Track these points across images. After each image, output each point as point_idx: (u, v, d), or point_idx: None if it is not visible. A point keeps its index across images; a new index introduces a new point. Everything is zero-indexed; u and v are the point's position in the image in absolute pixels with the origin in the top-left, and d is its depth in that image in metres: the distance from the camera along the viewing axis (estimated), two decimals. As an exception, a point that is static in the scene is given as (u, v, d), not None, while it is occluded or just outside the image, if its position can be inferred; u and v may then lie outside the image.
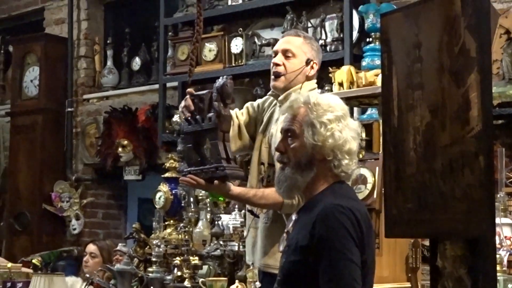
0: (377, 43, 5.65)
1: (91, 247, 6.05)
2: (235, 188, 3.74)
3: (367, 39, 5.80)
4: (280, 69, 3.94)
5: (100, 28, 8.33)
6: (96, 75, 8.18)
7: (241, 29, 6.58)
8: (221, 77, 3.66)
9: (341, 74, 5.20)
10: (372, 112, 5.30)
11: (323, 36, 6.11)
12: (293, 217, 2.92)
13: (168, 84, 7.12)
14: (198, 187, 3.82)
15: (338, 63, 5.54)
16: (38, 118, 8.03)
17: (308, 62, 3.93)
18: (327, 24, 6.15)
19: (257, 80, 6.53)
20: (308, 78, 3.97)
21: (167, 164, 5.68)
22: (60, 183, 7.87)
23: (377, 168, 4.68)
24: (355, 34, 6.01)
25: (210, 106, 3.61)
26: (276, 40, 6.42)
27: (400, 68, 2.48)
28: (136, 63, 7.82)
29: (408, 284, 4.80)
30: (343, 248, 2.62)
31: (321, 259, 2.63)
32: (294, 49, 3.95)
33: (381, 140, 4.96)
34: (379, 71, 5.18)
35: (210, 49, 6.66)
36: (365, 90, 5.06)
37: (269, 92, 4.10)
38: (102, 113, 7.83)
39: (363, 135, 4.22)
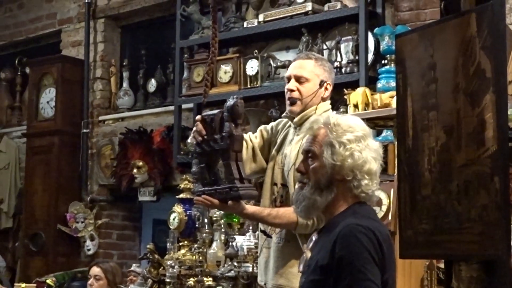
0: (392, 65, 5.66)
1: (95, 270, 6.03)
2: (249, 207, 3.74)
3: (383, 61, 5.81)
4: (295, 94, 3.96)
5: (116, 50, 8.37)
6: (112, 97, 8.21)
7: (256, 51, 6.59)
8: (231, 97, 3.67)
9: (356, 96, 5.21)
10: (387, 134, 5.30)
11: (338, 58, 6.12)
12: (313, 237, 2.92)
13: (184, 106, 7.14)
14: (212, 207, 3.82)
15: (353, 85, 5.55)
16: (54, 139, 8.06)
17: (321, 84, 3.94)
18: (342, 46, 6.16)
19: (272, 101, 6.53)
20: (323, 99, 3.97)
21: (182, 185, 5.69)
22: (75, 204, 7.88)
23: (392, 190, 4.68)
24: (370, 56, 6.01)
25: (221, 126, 3.61)
26: (291, 62, 6.46)
27: (415, 89, 2.48)
28: (152, 85, 7.85)
29: (424, 307, 4.78)
30: (363, 268, 2.61)
31: (341, 279, 2.63)
32: (306, 73, 3.96)
33: (396, 162, 4.98)
34: (394, 93, 5.18)
35: (225, 71, 6.68)
36: (380, 112, 5.06)
37: (284, 114, 4.11)
38: (117, 134, 7.86)
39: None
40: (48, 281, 6.43)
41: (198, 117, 3.74)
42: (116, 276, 6.03)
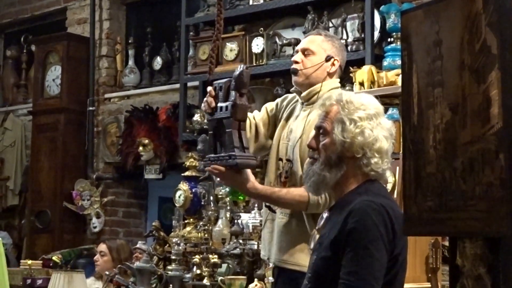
0: (398, 43, 5.65)
1: (102, 246, 6.11)
2: (257, 184, 3.72)
3: (389, 39, 5.79)
4: (297, 66, 3.97)
5: (122, 27, 8.36)
6: (118, 75, 8.22)
7: (262, 29, 6.58)
8: (239, 66, 3.71)
9: (362, 74, 5.20)
10: (393, 112, 5.29)
11: (344, 36, 6.10)
12: (325, 215, 2.93)
13: (189, 84, 7.14)
14: (219, 176, 3.78)
15: (359, 63, 5.55)
16: (60, 117, 8.07)
17: (328, 58, 3.93)
18: (348, 24, 6.14)
19: (278, 79, 6.53)
20: (329, 75, 3.95)
21: (187, 163, 5.70)
22: (81, 182, 7.90)
23: (397, 168, 4.69)
24: (376, 34, 5.99)
25: (228, 95, 3.66)
26: (297, 40, 6.44)
27: (420, 66, 2.47)
28: (157, 62, 7.85)
29: (428, 285, 4.79)
30: (369, 244, 2.63)
31: (347, 252, 2.65)
32: (313, 47, 3.96)
33: (401, 140, 4.97)
34: (400, 71, 5.17)
35: (231, 49, 6.67)
36: (386, 89, 5.06)
37: (292, 89, 4.10)
38: (123, 112, 7.87)
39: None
40: (54, 257, 6.45)
41: (209, 88, 3.76)
42: (121, 253, 6.05)
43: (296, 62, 3.98)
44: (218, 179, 4.16)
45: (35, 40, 8.64)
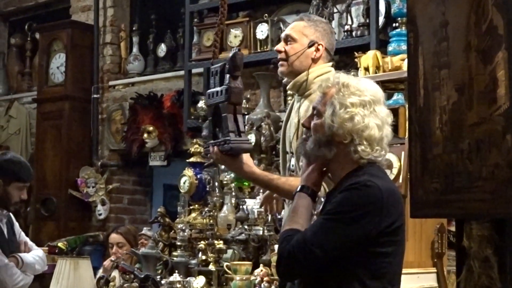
0: (403, 28, 5.62)
1: (116, 237, 5.97)
2: (256, 169, 3.65)
3: (393, 24, 5.76)
4: (281, 55, 3.86)
5: (126, 15, 8.35)
6: (122, 62, 8.21)
7: (266, 15, 6.56)
8: (232, 49, 3.66)
9: (367, 59, 5.18)
10: (398, 97, 5.27)
11: (349, 22, 6.09)
12: (322, 199, 2.92)
13: (194, 70, 7.13)
14: (217, 161, 3.76)
15: (364, 49, 5.53)
16: (64, 104, 8.08)
17: (310, 44, 3.83)
18: (353, 9, 6.13)
19: (283, 65, 6.50)
20: (315, 61, 3.85)
21: (192, 149, 5.69)
22: (86, 169, 7.91)
23: (402, 153, 4.67)
24: (381, 20, 5.98)
25: (223, 79, 3.60)
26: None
27: (426, 47, 2.46)
28: (162, 49, 7.84)
29: (434, 270, 4.79)
30: (340, 215, 2.62)
31: (327, 211, 2.68)
32: (294, 33, 3.86)
33: (407, 125, 4.96)
34: (405, 55, 5.15)
35: (235, 35, 6.65)
36: (391, 74, 5.04)
37: (284, 80, 4.01)
38: (127, 99, 7.87)
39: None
40: (59, 244, 6.46)
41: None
42: (136, 235, 6.04)
43: (279, 52, 3.88)
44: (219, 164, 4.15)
45: (40, 28, 8.63)
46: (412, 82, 2.51)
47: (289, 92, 4.12)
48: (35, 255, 4.76)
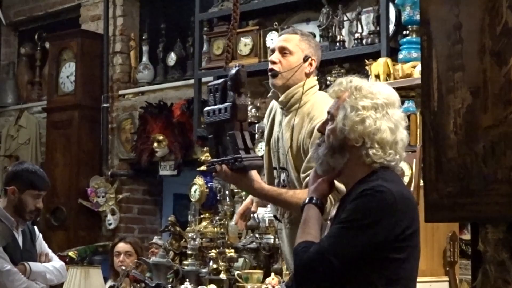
0: (414, 35, 5.61)
1: (125, 246, 5.96)
2: (264, 185, 3.64)
3: (404, 32, 5.75)
4: (276, 67, 3.82)
5: (135, 24, 8.36)
6: (132, 71, 8.21)
7: (276, 23, 6.55)
8: (234, 65, 3.61)
9: (378, 66, 5.18)
10: (409, 105, 5.26)
11: (359, 30, 6.08)
12: (337, 204, 2.91)
13: (204, 79, 7.11)
14: (226, 179, 3.73)
15: (375, 57, 5.52)
16: (74, 113, 8.08)
17: (305, 59, 3.82)
18: (363, 17, 6.11)
19: (293, 74, 6.49)
20: (307, 75, 3.84)
21: (202, 158, 5.68)
22: (96, 178, 7.90)
23: (414, 160, 4.66)
24: (391, 27, 5.96)
25: (225, 96, 3.55)
26: (311, 34, 6.42)
27: (440, 50, 2.44)
28: (172, 58, 7.84)
29: (446, 278, 4.76)
30: (354, 222, 2.61)
31: (337, 222, 2.66)
32: (291, 46, 3.83)
33: (418, 132, 4.94)
34: (416, 63, 5.15)
35: (245, 44, 6.64)
36: (402, 82, 5.03)
37: (270, 93, 3.98)
38: (137, 108, 7.86)
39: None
40: (70, 253, 6.45)
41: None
42: (142, 247, 6.05)
43: (274, 62, 3.84)
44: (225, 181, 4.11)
45: (49, 37, 8.64)
46: (426, 85, 2.49)
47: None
48: (49, 265, 4.75)
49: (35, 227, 4.96)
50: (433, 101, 2.46)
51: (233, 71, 3.54)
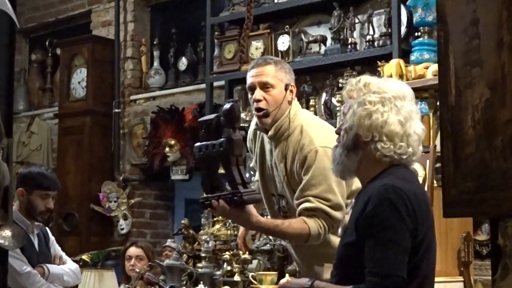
0: (426, 37, 5.62)
1: (136, 250, 5.98)
2: (261, 218, 3.63)
3: (416, 34, 5.76)
4: (263, 104, 3.78)
5: (146, 29, 8.37)
6: (143, 76, 8.22)
7: (287, 26, 6.57)
8: (227, 101, 3.58)
9: (390, 67, 5.17)
10: (421, 107, 5.26)
11: (371, 32, 6.08)
12: (352, 201, 2.92)
13: (215, 83, 7.12)
14: (222, 214, 3.72)
15: (386, 59, 5.52)
16: (86, 119, 8.09)
17: (286, 88, 3.79)
18: (374, 19, 6.13)
19: (305, 77, 6.50)
20: (290, 103, 3.82)
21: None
22: (107, 184, 7.90)
23: (427, 161, 4.65)
24: (403, 29, 5.97)
25: (218, 131, 3.50)
26: (323, 37, 6.43)
27: (457, 45, 2.45)
28: (183, 63, 7.85)
29: (461, 278, 4.75)
30: (389, 229, 2.60)
31: (370, 238, 2.62)
32: (271, 80, 3.78)
33: (431, 134, 4.94)
34: (429, 64, 5.15)
35: (256, 47, 6.65)
36: (415, 83, 5.02)
37: (254, 127, 3.97)
38: (149, 113, 7.87)
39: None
40: (83, 257, 6.45)
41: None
42: (153, 252, 6.05)
43: (259, 101, 3.78)
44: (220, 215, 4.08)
45: (60, 43, 8.65)
46: (443, 81, 2.49)
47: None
48: (65, 267, 4.76)
49: (48, 229, 4.95)
50: (450, 97, 2.46)
51: (227, 106, 3.49)
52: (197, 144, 3.55)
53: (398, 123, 2.71)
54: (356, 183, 3.46)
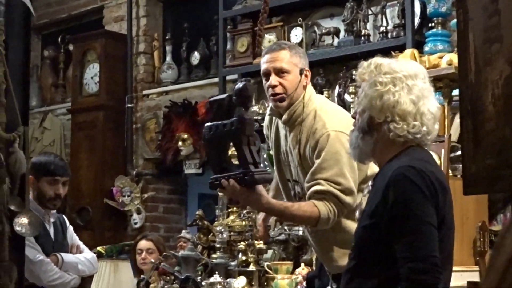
0: (439, 28, 5.61)
1: (146, 243, 5.99)
2: (271, 199, 3.62)
3: (429, 24, 5.75)
4: (279, 89, 3.75)
5: (158, 24, 8.38)
6: (155, 71, 8.23)
7: (300, 19, 6.56)
8: (239, 81, 3.58)
9: (405, 57, 5.16)
10: (436, 97, 5.24)
11: (384, 23, 6.08)
12: (370, 183, 2.91)
13: (228, 77, 7.13)
14: (232, 195, 3.69)
15: (400, 50, 5.51)
16: (99, 114, 8.10)
17: (301, 72, 3.77)
18: (388, 11, 6.12)
19: (318, 69, 6.50)
20: (305, 88, 3.80)
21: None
22: (121, 178, 7.91)
23: (442, 150, 4.65)
24: (416, 20, 5.96)
25: (229, 111, 3.49)
26: (336, 29, 6.43)
27: (476, 23, 2.44)
28: (195, 57, 7.85)
29: (476, 268, 4.74)
30: (418, 211, 2.59)
31: (397, 221, 2.60)
32: (286, 65, 3.76)
33: (446, 123, 4.93)
34: (443, 54, 5.14)
35: (269, 40, 6.64)
36: (429, 72, 4.99)
37: (268, 112, 3.97)
38: (161, 108, 7.88)
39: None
40: (98, 248, 6.45)
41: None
42: (164, 245, 6.05)
43: (275, 86, 3.76)
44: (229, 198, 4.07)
45: (73, 38, 8.66)
46: (462, 58, 2.49)
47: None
48: (81, 256, 4.75)
49: (65, 218, 4.94)
50: (470, 74, 2.45)
51: (240, 85, 3.49)
52: (207, 124, 3.55)
53: (410, 102, 2.70)
54: (372, 169, 3.46)
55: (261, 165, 3.72)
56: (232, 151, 3.62)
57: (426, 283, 2.55)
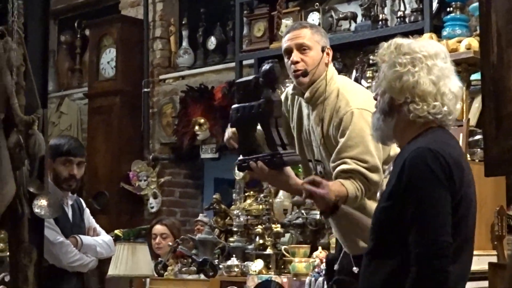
0: (457, 12, 5.59)
1: (161, 228, 6.01)
2: (299, 180, 3.53)
3: (447, 9, 5.72)
4: (300, 66, 3.71)
5: (175, 9, 8.37)
6: (172, 56, 8.23)
7: (317, 4, 6.54)
8: (266, 62, 3.53)
9: (423, 41, 5.15)
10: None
11: (402, 8, 6.05)
12: (390, 166, 2.91)
13: (244, 62, 7.12)
14: (261, 177, 3.66)
15: (418, 34, 5.48)
16: (115, 99, 8.11)
17: (323, 50, 3.75)
18: (405, -5, 6.09)
19: (335, 54, 6.42)
20: (327, 65, 3.77)
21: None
22: (137, 163, 7.92)
23: (461, 135, 4.64)
24: (434, 5, 5.93)
25: (256, 92, 3.46)
26: (353, 14, 6.41)
27: (499, 4, 2.43)
28: (212, 42, 7.85)
29: (494, 252, 4.75)
30: (430, 193, 2.58)
31: (409, 205, 2.60)
32: (308, 42, 3.73)
33: (464, 108, 4.91)
34: (461, 38, 5.12)
35: (286, 25, 6.61)
36: (448, 56, 5.00)
37: (291, 91, 3.92)
38: (178, 92, 7.88)
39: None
40: (116, 231, 6.48)
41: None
42: (180, 229, 6.07)
43: (297, 62, 3.72)
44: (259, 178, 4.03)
45: (90, 23, 8.68)
46: (484, 40, 2.48)
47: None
48: (99, 238, 4.77)
49: (82, 201, 4.96)
50: (492, 55, 2.45)
51: (267, 66, 3.46)
52: (234, 105, 3.53)
53: (430, 82, 2.68)
54: (394, 149, 3.45)
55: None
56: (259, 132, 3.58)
57: (435, 268, 2.54)
